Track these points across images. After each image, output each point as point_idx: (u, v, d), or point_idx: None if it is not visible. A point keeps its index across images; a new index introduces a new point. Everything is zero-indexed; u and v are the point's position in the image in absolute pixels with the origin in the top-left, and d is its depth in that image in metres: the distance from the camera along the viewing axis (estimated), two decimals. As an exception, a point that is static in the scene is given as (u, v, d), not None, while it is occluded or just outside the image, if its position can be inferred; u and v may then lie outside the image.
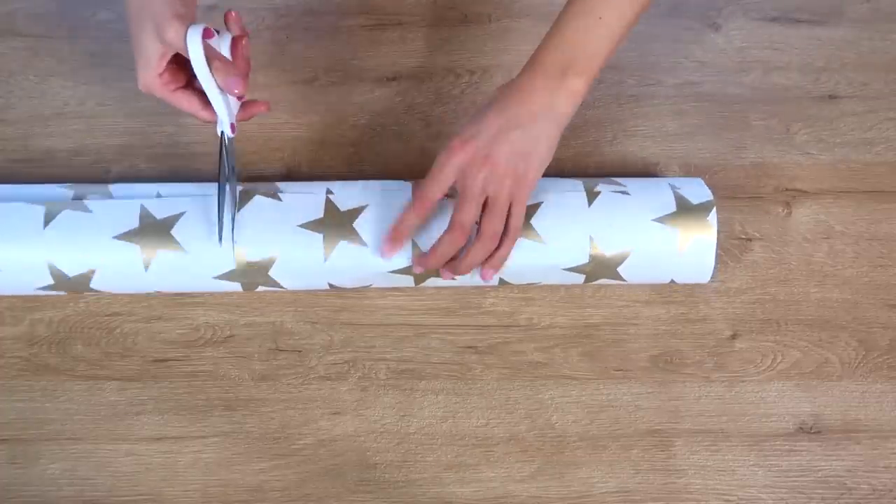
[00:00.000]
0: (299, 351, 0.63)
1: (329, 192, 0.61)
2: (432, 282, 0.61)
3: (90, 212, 0.59)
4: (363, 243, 0.59)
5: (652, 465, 0.59)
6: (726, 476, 0.59)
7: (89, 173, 0.68)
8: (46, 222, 0.58)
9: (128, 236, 0.58)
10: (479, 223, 0.56)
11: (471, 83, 0.73)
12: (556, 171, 0.62)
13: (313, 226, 0.59)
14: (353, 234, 0.59)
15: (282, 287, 0.61)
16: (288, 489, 0.59)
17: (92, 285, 0.59)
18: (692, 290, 0.64)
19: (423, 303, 0.64)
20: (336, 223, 0.59)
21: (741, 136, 0.70)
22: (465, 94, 0.73)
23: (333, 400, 0.61)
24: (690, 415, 0.61)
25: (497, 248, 0.57)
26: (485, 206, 0.56)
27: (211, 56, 0.54)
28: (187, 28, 0.52)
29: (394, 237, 0.58)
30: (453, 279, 0.60)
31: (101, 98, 0.72)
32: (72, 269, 0.58)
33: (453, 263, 0.57)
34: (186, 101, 0.57)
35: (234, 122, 0.58)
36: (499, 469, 0.59)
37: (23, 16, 0.76)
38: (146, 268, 0.58)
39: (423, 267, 0.58)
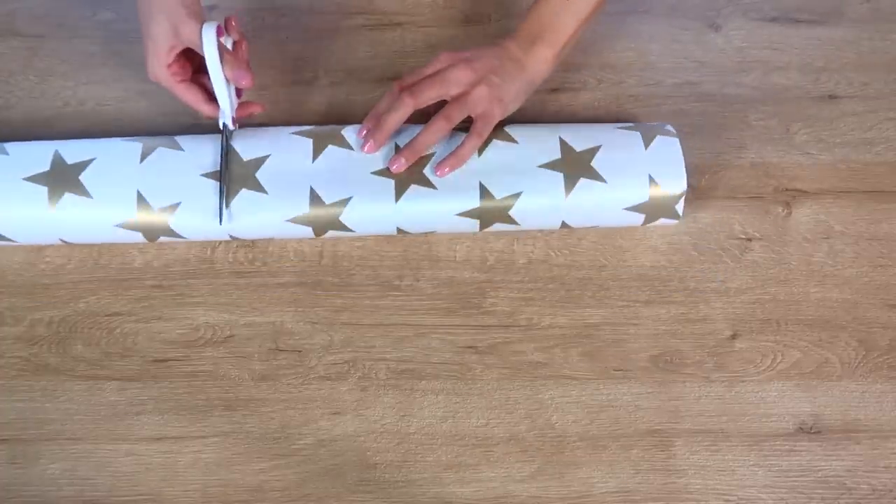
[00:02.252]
0: (299, 351, 0.63)
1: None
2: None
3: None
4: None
5: (652, 465, 0.59)
6: (726, 476, 0.59)
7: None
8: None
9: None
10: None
11: (471, 83, 0.73)
12: (556, 171, 0.62)
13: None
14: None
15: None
16: (288, 489, 0.59)
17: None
18: (692, 290, 0.64)
19: (423, 303, 0.64)
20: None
21: (741, 136, 0.70)
22: (465, 94, 0.73)
23: (333, 400, 0.61)
24: (690, 415, 0.61)
25: (460, 147, 0.62)
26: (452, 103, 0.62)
27: (222, 51, 0.59)
28: (202, 26, 0.58)
29: (378, 134, 0.63)
30: (404, 168, 0.62)
31: (101, 98, 0.72)
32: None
33: (406, 148, 0.62)
34: (191, 94, 0.63)
35: (234, 115, 0.64)
36: (499, 469, 0.59)
37: (23, 16, 0.76)
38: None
39: (372, 140, 0.62)
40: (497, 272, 0.65)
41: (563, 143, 0.64)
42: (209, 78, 0.60)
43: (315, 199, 0.62)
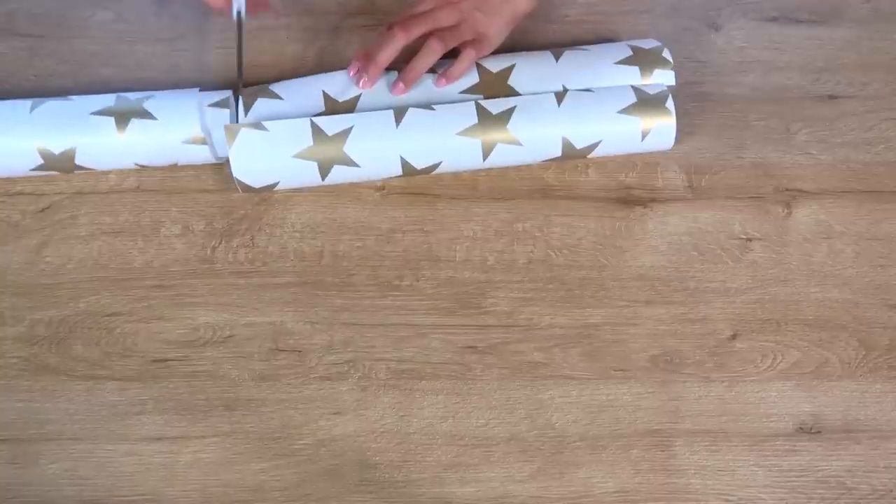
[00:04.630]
0: (299, 351, 0.63)
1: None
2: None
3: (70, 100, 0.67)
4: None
5: (652, 465, 0.59)
6: (726, 476, 0.59)
7: (89, 173, 0.68)
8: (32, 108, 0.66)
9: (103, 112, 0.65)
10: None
11: (471, 83, 0.73)
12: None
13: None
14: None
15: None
16: (288, 489, 0.59)
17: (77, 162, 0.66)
18: (692, 290, 0.64)
19: (423, 303, 0.64)
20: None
21: (741, 136, 0.70)
22: (465, 94, 0.73)
23: (333, 400, 0.61)
24: (690, 415, 0.61)
25: (455, 64, 0.65)
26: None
27: None
28: None
29: (366, 63, 0.65)
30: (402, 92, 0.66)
31: (101, 98, 0.72)
32: (57, 148, 0.65)
33: (404, 72, 0.65)
34: None
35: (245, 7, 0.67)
36: (499, 469, 0.59)
37: (23, 16, 0.76)
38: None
39: (366, 76, 0.65)
40: (497, 272, 0.65)
41: (565, 142, 0.65)
42: None
43: (317, 131, 0.63)
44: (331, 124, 0.64)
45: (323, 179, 0.65)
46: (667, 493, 0.58)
